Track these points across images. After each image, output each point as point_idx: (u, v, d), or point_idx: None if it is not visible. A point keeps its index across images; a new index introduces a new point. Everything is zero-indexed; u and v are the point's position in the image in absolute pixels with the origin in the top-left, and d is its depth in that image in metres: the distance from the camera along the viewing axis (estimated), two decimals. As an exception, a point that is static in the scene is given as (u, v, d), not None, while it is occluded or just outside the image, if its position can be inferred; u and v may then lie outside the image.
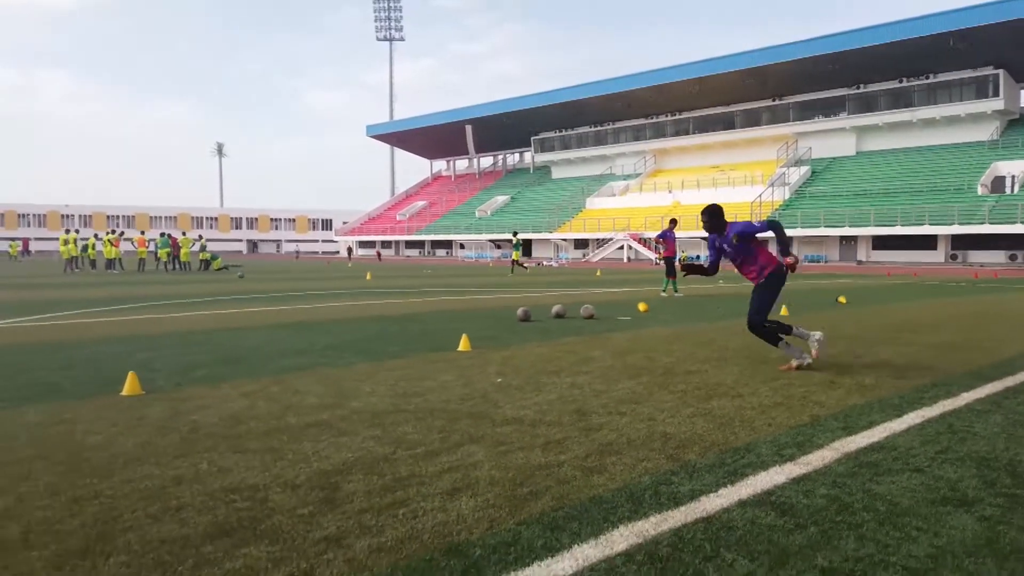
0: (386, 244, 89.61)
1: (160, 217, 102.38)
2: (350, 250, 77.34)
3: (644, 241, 58.85)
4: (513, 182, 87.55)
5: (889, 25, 52.26)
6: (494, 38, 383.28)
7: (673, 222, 18.14)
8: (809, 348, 6.54)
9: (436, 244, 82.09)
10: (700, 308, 13.36)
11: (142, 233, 36.52)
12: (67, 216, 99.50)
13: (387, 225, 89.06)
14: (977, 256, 46.14)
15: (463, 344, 7.83)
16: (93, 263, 32.29)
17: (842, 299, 15.01)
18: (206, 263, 32.60)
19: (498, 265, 48.46)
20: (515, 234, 34.28)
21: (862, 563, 2.56)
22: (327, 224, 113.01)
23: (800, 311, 12.26)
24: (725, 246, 6.62)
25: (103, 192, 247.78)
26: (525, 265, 32.72)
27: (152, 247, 35.82)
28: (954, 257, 47.44)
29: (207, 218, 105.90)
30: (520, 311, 10.56)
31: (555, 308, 11.04)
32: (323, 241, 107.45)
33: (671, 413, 4.82)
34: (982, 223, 43.99)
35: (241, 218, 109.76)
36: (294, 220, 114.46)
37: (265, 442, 4.18)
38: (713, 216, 6.65)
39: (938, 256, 47.94)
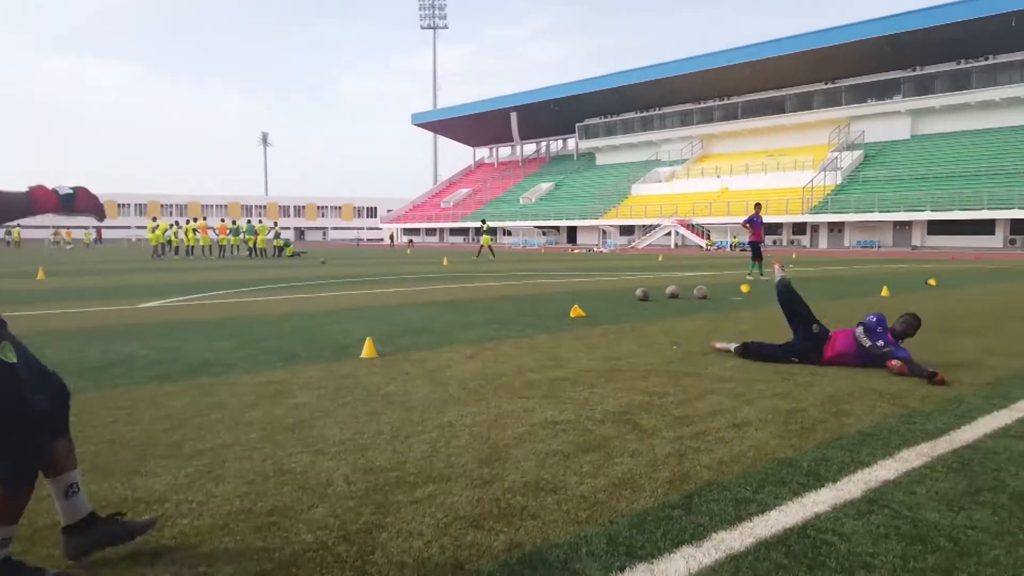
0: (431, 231, 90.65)
1: (211, 205, 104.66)
2: (392, 237, 78.58)
3: (692, 227, 58.91)
4: (557, 169, 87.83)
5: (947, 6, 51.44)
6: (533, 22, 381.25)
7: (758, 206, 18.54)
8: None
9: (479, 231, 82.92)
10: (802, 288, 13.92)
11: (222, 221, 37.91)
12: (123, 205, 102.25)
13: (432, 212, 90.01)
14: (1038, 241, 45.48)
15: (574, 314, 8.52)
16: (176, 250, 33.75)
17: (932, 281, 15.39)
18: (279, 250, 33.84)
19: (550, 251, 49.03)
20: (484, 222, 35.26)
21: None
22: (372, 212, 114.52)
23: (896, 292, 12.74)
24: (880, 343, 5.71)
25: (145, 182, 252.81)
26: (493, 252, 32.55)
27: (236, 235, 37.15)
28: (1012, 242, 46.81)
29: (256, 206, 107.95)
30: (639, 291, 11.23)
31: (669, 289, 11.69)
32: (367, 228, 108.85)
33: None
34: (1044, 207, 43.36)
35: (289, 206, 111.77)
36: (340, 208, 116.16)
37: (545, 391, 4.93)
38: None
39: (996, 241, 47.32)
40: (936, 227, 49.45)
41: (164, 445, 3.74)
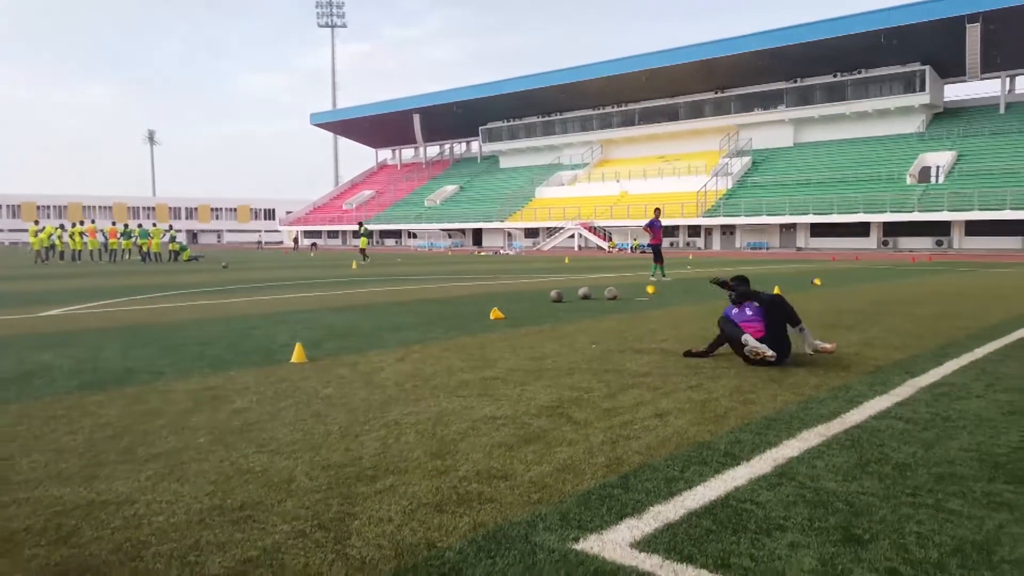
0: (332, 234, 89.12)
1: (95, 207, 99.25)
2: (295, 240, 76.83)
3: (594, 229, 60.53)
4: (461, 171, 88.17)
5: (826, 22, 55.09)
6: (429, 24, 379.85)
7: (658, 211, 19.42)
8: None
9: (384, 234, 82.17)
10: (698, 290, 14.75)
11: (113, 224, 36.08)
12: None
13: (334, 214, 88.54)
14: (906, 242, 49.34)
15: (494, 316, 8.89)
16: (61, 255, 31.92)
17: (817, 281, 16.62)
18: (175, 254, 32.58)
19: (456, 254, 49.26)
20: (361, 224, 35.70)
21: (979, 448, 3.81)
22: (270, 214, 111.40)
23: (785, 291, 13.73)
24: (748, 311, 6.40)
25: (17, 182, 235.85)
26: (367, 255, 31.91)
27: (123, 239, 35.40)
28: (885, 243, 50.57)
29: (144, 208, 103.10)
30: (554, 293, 11.68)
31: (581, 290, 12.20)
32: (266, 231, 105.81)
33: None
34: (912, 211, 47.10)
35: (180, 208, 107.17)
36: (235, 210, 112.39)
37: (479, 389, 5.21)
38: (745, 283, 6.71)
39: (871, 243, 51.00)
40: (818, 229, 52.80)
41: (115, 452, 3.80)
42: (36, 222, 31.57)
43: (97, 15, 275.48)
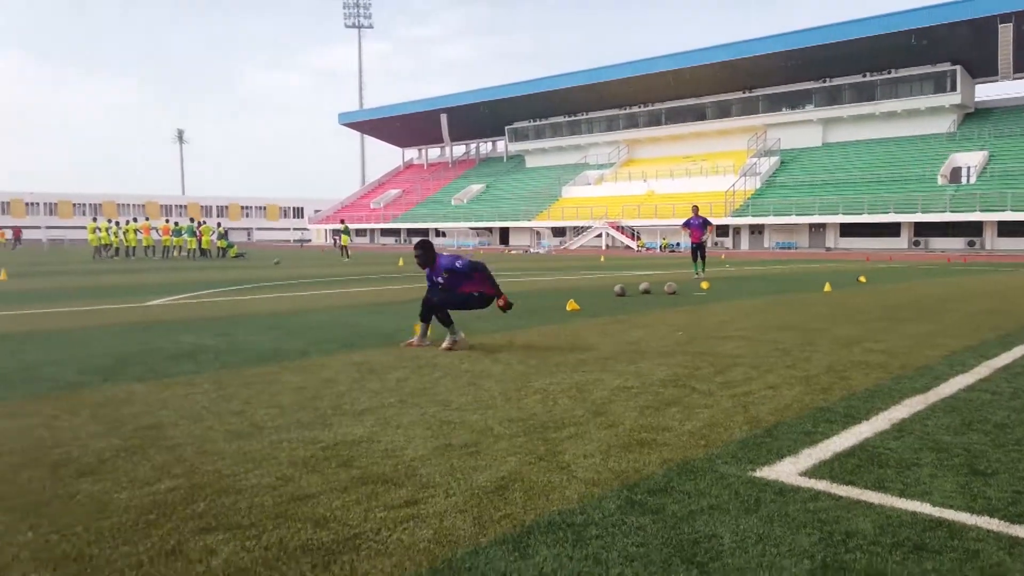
0: (360, 232, 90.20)
1: (128, 205, 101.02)
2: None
3: (622, 229, 60.99)
4: (487, 171, 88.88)
5: (855, 22, 55.13)
6: (447, 23, 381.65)
7: (696, 208, 19.80)
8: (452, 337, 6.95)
9: (412, 232, 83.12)
10: (750, 285, 15.33)
11: (167, 222, 37.26)
12: (31, 204, 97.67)
13: (361, 213, 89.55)
14: (937, 243, 49.33)
15: (571, 307, 9.53)
16: (116, 251, 33.03)
17: (862, 279, 17.12)
18: (223, 251, 33.61)
19: (487, 252, 49.95)
20: (343, 221, 36.58)
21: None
22: (299, 212, 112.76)
23: (838, 287, 14.29)
24: (438, 279, 6.93)
25: (48, 181, 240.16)
26: (348, 253, 31.96)
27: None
28: (916, 243, 50.60)
29: (176, 206, 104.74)
30: (617, 287, 12.33)
31: (642, 285, 12.83)
32: (294, 229, 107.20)
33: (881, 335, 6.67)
34: (943, 211, 47.11)
35: (211, 206, 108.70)
36: (264, 208, 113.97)
37: (599, 367, 5.88)
38: (426, 250, 6.98)
39: (902, 243, 51.03)
40: (848, 229, 52.89)
41: (326, 408, 4.50)
42: (94, 219, 32.76)
43: (118, 12, 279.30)
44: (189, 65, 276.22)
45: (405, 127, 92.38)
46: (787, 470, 3.36)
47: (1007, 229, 46.63)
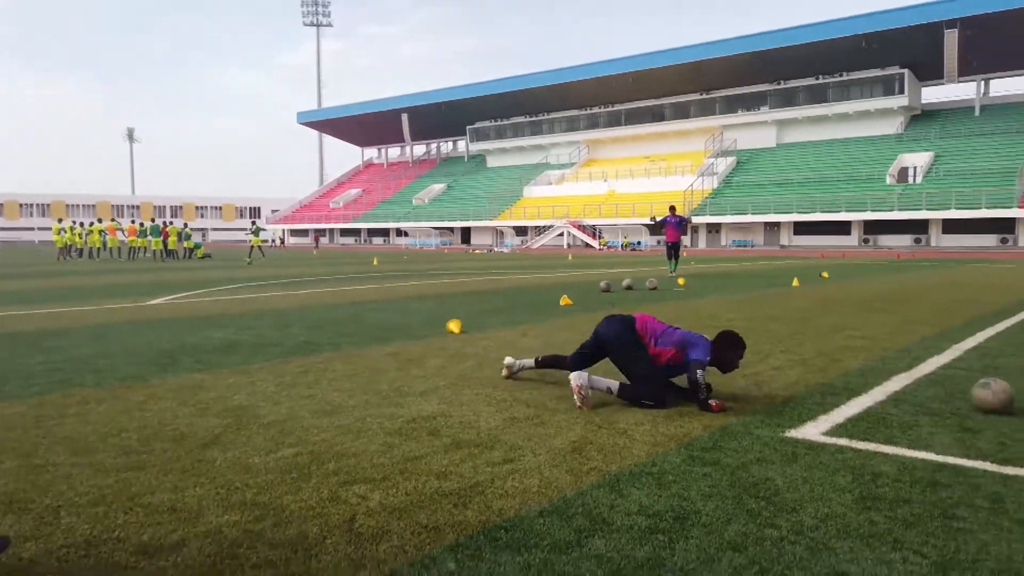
0: (319, 232, 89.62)
1: (78, 205, 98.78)
2: (281, 240, 77.43)
3: (584, 228, 61.95)
4: (448, 170, 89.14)
5: (809, 26, 56.99)
6: (409, 20, 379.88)
7: (672, 208, 20.58)
8: None
9: (372, 232, 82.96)
10: (721, 281, 16.11)
11: (132, 222, 36.83)
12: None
13: (320, 213, 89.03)
14: (886, 240, 51.33)
15: (564, 302, 10.14)
16: (80, 252, 32.51)
17: (825, 274, 18.07)
18: (190, 251, 33.42)
19: (451, 252, 50.33)
20: (253, 222, 37.24)
21: (1035, 381, 5.14)
22: (255, 212, 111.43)
23: (805, 282, 15.14)
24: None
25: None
26: (264, 253, 31.98)
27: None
28: (866, 241, 52.54)
29: (129, 206, 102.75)
30: (603, 283, 12.96)
31: (625, 281, 13.49)
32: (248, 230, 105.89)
33: (862, 325, 7.36)
34: (891, 210, 49.06)
35: (164, 206, 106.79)
36: (220, 208, 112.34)
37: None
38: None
39: (852, 240, 52.94)
40: (801, 228, 54.65)
41: (386, 392, 4.97)
42: (60, 220, 32.28)
43: (73, 9, 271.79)
44: (141, 63, 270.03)
45: (365, 126, 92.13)
46: (811, 432, 3.97)
47: (951, 227, 48.74)
